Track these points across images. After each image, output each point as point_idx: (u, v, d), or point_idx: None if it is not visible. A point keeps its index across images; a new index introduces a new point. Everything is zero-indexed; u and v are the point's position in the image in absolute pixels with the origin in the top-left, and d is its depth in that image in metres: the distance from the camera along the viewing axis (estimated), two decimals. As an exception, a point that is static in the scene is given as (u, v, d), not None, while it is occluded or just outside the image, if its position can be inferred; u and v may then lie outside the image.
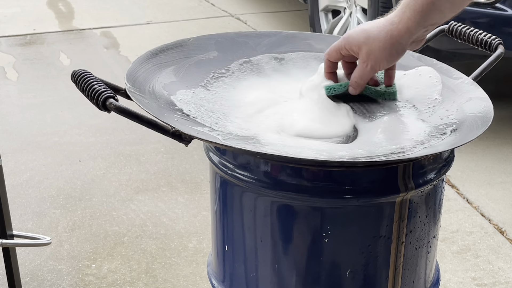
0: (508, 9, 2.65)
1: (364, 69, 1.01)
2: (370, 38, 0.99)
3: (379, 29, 0.98)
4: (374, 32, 0.99)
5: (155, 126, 0.88)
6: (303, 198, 0.94)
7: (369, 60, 1.00)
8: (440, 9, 0.96)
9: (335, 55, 1.05)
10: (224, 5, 4.95)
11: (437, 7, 0.96)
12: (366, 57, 1.00)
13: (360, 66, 1.02)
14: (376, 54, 0.99)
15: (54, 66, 3.74)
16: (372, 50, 0.99)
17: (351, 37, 1.01)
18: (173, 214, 2.30)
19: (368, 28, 1.00)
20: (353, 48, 1.01)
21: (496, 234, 2.22)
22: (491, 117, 0.98)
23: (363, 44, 0.99)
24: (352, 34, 1.01)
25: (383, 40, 0.98)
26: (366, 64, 1.00)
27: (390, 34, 0.97)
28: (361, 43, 1.00)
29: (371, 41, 0.99)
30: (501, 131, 2.89)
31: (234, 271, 1.07)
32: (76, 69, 0.96)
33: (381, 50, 0.98)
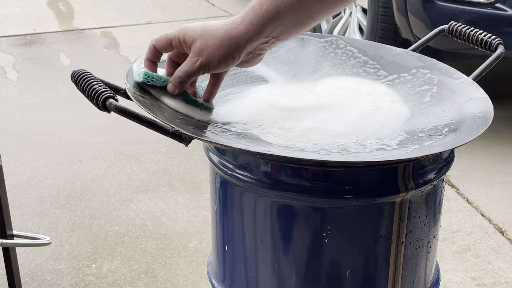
0: (508, 9, 2.65)
1: (193, 65, 0.93)
2: (208, 33, 0.92)
3: (219, 26, 0.92)
4: (213, 28, 0.92)
5: (155, 126, 0.88)
6: (303, 198, 0.94)
7: (200, 56, 0.92)
8: (284, 21, 0.90)
9: (164, 44, 0.97)
10: (224, 5, 4.95)
11: (281, 17, 0.89)
12: (198, 51, 0.92)
13: (188, 60, 0.94)
14: (209, 51, 0.91)
15: (54, 66, 3.74)
16: (206, 45, 0.91)
17: (188, 29, 0.94)
18: (173, 214, 2.30)
19: (209, 24, 0.93)
20: (187, 39, 0.93)
21: (496, 234, 2.22)
22: (491, 117, 0.98)
23: (198, 38, 0.92)
24: (191, 26, 0.94)
25: (220, 37, 0.91)
26: (196, 59, 0.92)
27: (229, 33, 0.91)
28: (197, 36, 0.92)
29: (207, 36, 0.91)
30: (501, 131, 2.89)
31: (234, 271, 1.07)
32: (76, 69, 0.96)
33: (216, 48, 0.91)
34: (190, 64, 0.94)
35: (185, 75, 0.95)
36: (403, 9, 2.85)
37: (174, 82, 0.96)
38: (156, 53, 0.99)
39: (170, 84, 0.97)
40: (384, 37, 3.04)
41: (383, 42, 1.25)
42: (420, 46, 1.26)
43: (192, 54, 0.93)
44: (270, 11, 0.89)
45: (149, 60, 0.99)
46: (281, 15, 0.89)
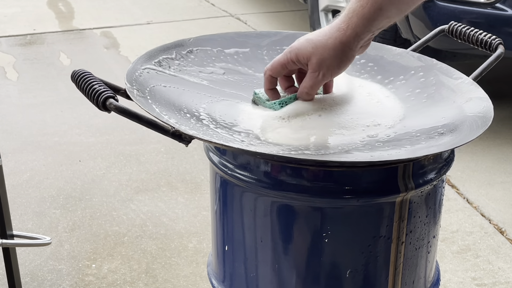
0: (508, 9, 2.65)
1: (316, 79, 0.99)
2: (319, 47, 0.97)
3: (326, 37, 0.97)
4: (321, 41, 0.97)
5: (155, 126, 0.88)
6: (303, 198, 0.94)
7: (321, 69, 0.98)
8: (387, 15, 0.96)
9: (280, 70, 1.02)
10: (224, 5, 4.95)
11: (384, 13, 0.95)
12: (317, 66, 0.98)
13: (311, 76, 0.99)
14: (327, 62, 0.97)
15: (54, 66, 3.74)
16: (323, 59, 0.97)
17: (297, 49, 0.99)
18: (173, 214, 2.30)
19: (313, 37, 0.98)
20: (301, 59, 0.99)
21: (496, 234, 2.22)
22: (491, 117, 0.98)
23: (312, 54, 0.97)
24: (298, 46, 0.99)
25: (333, 47, 0.96)
26: (317, 73, 0.98)
27: (339, 40, 0.96)
28: (310, 53, 0.97)
29: (320, 50, 0.97)
30: (501, 131, 2.89)
31: (234, 271, 1.07)
32: (76, 69, 0.96)
33: (332, 58, 0.97)
34: (314, 79, 0.99)
35: (311, 89, 1.01)
36: (403, 9, 2.84)
37: (303, 97, 1.02)
38: (274, 80, 1.04)
39: (300, 99, 1.03)
40: (384, 37, 3.04)
41: (383, 42, 1.25)
42: (420, 46, 1.26)
43: (312, 70, 0.99)
44: (373, 11, 0.95)
45: (270, 89, 1.04)
46: (383, 11, 0.95)
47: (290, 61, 1.00)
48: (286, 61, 1.00)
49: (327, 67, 0.98)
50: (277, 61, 1.01)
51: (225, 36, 1.23)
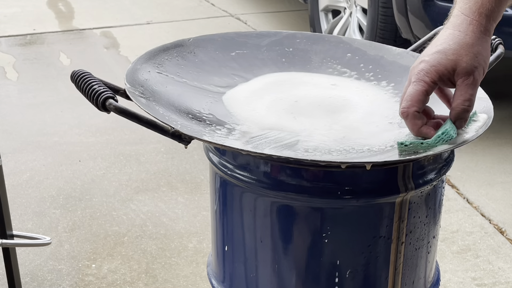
0: (508, 9, 2.65)
1: (472, 84, 0.85)
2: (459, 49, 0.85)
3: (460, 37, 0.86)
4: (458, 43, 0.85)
5: (154, 127, 0.88)
6: (303, 198, 0.94)
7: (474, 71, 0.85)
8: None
9: (424, 100, 0.86)
10: (224, 5, 4.95)
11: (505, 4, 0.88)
12: (470, 70, 0.84)
13: (465, 84, 0.85)
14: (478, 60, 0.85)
15: (54, 66, 3.74)
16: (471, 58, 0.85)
17: (434, 66, 0.86)
18: (173, 214, 2.30)
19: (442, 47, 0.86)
20: (445, 73, 0.85)
21: (496, 234, 2.22)
22: (491, 117, 0.98)
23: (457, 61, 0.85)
24: (431, 62, 0.86)
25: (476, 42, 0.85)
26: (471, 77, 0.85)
27: (479, 31, 0.86)
28: (453, 61, 0.85)
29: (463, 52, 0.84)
30: (501, 131, 2.89)
31: (234, 272, 1.07)
32: (76, 69, 0.96)
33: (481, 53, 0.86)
34: (470, 85, 0.86)
35: (474, 99, 0.88)
36: (403, 9, 2.84)
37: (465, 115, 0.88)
38: (420, 115, 0.89)
39: (458, 122, 0.88)
40: (384, 37, 3.04)
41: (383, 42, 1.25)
42: (420, 46, 1.26)
43: (464, 77, 0.86)
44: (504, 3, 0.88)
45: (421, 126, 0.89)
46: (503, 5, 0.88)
47: (432, 84, 0.86)
48: (428, 87, 0.86)
49: (478, 65, 0.86)
50: (416, 92, 0.86)
51: (225, 36, 1.23)
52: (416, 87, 0.86)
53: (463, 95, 0.86)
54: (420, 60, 0.88)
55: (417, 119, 0.87)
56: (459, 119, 0.89)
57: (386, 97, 1.12)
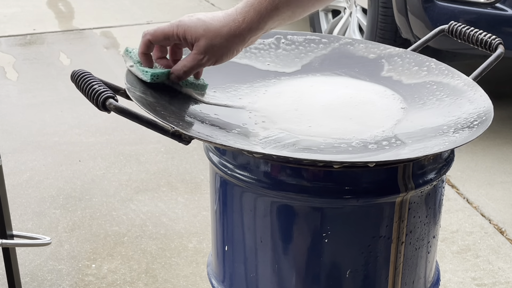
0: (508, 9, 2.65)
1: (200, 61, 0.98)
2: (211, 31, 0.96)
3: (221, 24, 0.96)
4: (215, 26, 0.96)
5: (154, 126, 0.88)
6: (303, 198, 0.94)
7: (207, 54, 0.97)
8: (282, 16, 0.97)
9: (161, 39, 0.99)
10: (224, 5, 4.95)
11: (280, 13, 0.96)
12: (204, 50, 0.97)
13: (194, 57, 0.98)
14: (216, 49, 0.97)
15: (54, 66, 3.74)
16: (212, 44, 0.96)
17: (187, 26, 0.97)
18: (173, 214, 2.30)
19: (207, 20, 0.97)
20: (188, 37, 0.97)
21: (496, 234, 2.22)
22: (491, 117, 0.98)
23: (202, 37, 0.96)
24: (188, 23, 0.97)
25: (225, 36, 0.96)
26: (203, 56, 0.97)
27: (233, 32, 0.96)
28: (199, 35, 0.96)
29: (211, 35, 0.96)
30: (501, 131, 2.89)
31: (234, 271, 1.07)
32: (76, 69, 0.96)
33: (223, 47, 0.97)
34: (197, 61, 0.98)
35: (191, 69, 1.00)
36: (403, 9, 2.84)
37: (178, 74, 1.00)
38: (151, 46, 1.01)
39: (173, 75, 1.01)
40: (384, 37, 3.04)
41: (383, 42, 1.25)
42: (420, 46, 1.26)
43: (197, 51, 0.98)
44: (269, 9, 0.96)
45: (144, 53, 1.02)
46: (279, 11, 0.96)
47: (175, 35, 0.98)
48: (171, 34, 0.98)
49: (214, 53, 0.97)
50: (161, 29, 0.99)
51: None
52: (164, 26, 0.99)
53: (188, 62, 0.99)
54: (190, 15, 0.99)
55: (145, 46, 1.00)
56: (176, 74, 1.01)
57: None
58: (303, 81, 1.17)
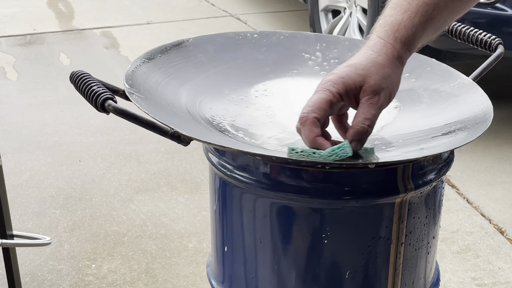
0: (508, 9, 2.65)
1: (376, 104, 0.83)
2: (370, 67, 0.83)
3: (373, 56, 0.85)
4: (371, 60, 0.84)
5: (153, 127, 0.87)
6: (303, 199, 0.94)
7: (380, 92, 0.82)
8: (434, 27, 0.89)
9: (326, 109, 0.83)
10: (224, 5, 4.95)
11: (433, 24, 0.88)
12: (376, 89, 0.82)
13: (369, 103, 0.82)
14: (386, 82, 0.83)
15: (54, 66, 3.74)
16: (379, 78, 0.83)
17: (342, 78, 0.83)
18: (173, 214, 2.30)
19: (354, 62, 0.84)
20: (351, 88, 0.83)
21: (496, 234, 2.22)
22: (491, 117, 0.98)
23: (365, 78, 0.83)
24: (341, 74, 0.84)
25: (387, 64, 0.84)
26: (377, 98, 0.82)
27: (391, 55, 0.85)
28: (361, 77, 0.83)
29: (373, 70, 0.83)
30: (501, 131, 2.89)
31: (234, 272, 1.07)
32: (75, 70, 0.96)
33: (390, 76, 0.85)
34: (374, 105, 0.82)
35: (375, 118, 0.84)
36: (403, 9, 2.84)
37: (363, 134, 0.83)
38: (319, 125, 0.84)
39: (354, 143, 0.84)
40: (384, 37, 3.03)
41: (383, 42, 1.25)
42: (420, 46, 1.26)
43: (369, 96, 0.83)
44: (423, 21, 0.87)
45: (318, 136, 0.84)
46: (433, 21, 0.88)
47: (337, 95, 0.83)
48: (332, 97, 0.82)
49: (386, 88, 0.83)
50: (319, 99, 0.83)
51: (225, 36, 1.23)
52: (320, 95, 0.83)
53: (365, 113, 0.83)
54: (330, 73, 0.86)
55: (314, 127, 0.83)
56: (356, 140, 0.84)
57: None
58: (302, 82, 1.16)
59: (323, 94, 0.82)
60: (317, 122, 0.83)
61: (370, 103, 0.83)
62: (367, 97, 0.83)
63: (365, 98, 0.83)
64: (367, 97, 0.83)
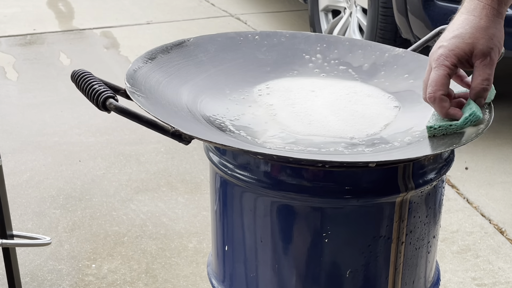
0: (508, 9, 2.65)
1: (490, 64, 0.90)
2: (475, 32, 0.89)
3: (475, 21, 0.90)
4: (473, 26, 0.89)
5: (155, 126, 0.88)
6: (303, 198, 0.94)
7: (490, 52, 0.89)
8: None
9: (448, 83, 0.91)
10: (224, 5, 4.95)
11: None
12: (486, 51, 0.89)
13: (483, 65, 0.90)
14: (493, 42, 0.89)
15: (54, 66, 3.74)
16: (487, 39, 0.89)
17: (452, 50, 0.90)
18: (173, 214, 2.30)
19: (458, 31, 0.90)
20: (464, 56, 0.90)
21: (496, 234, 2.22)
22: (491, 117, 0.98)
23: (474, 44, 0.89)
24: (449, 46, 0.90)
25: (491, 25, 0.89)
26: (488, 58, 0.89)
27: (492, 14, 0.90)
28: (470, 44, 0.89)
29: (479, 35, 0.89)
30: (501, 131, 2.89)
31: (234, 271, 1.07)
32: (76, 69, 0.96)
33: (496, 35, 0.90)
34: (488, 65, 0.91)
35: (491, 78, 0.92)
36: (403, 9, 2.84)
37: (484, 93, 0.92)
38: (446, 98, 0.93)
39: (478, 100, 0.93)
40: (384, 37, 3.04)
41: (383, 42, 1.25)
42: (420, 46, 1.26)
43: (481, 58, 0.91)
44: None
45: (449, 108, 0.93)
46: None
47: (452, 67, 0.90)
48: (449, 70, 0.90)
49: (494, 46, 0.90)
50: (439, 77, 0.91)
51: (225, 36, 1.23)
52: (438, 72, 0.91)
53: (481, 75, 0.91)
54: (438, 46, 0.92)
55: (444, 102, 0.92)
56: (479, 98, 0.93)
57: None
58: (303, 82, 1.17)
59: (440, 71, 0.91)
60: (444, 97, 0.91)
61: (483, 65, 0.90)
62: (479, 60, 0.90)
63: (478, 62, 0.91)
64: (479, 60, 0.90)
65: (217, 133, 0.96)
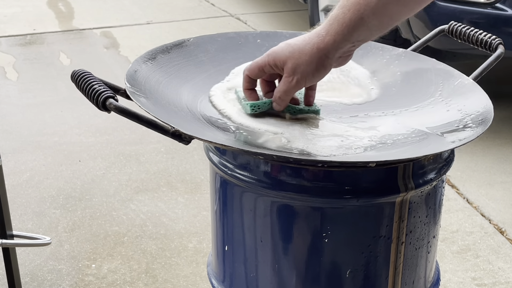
0: (508, 9, 2.65)
1: (289, 84, 0.97)
2: (296, 51, 0.95)
3: (304, 42, 0.95)
4: (299, 46, 0.95)
5: (155, 126, 0.88)
6: (303, 198, 0.94)
7: (295, 74, 0.96)
8: (368, 26, 0.92)
9: (257, 72, 1.00)
10: (224, 5, 4.95)
11: (365, 23, 0.92)
12: (292, 71, 0.96)
13: (285, 80, 0.97)
14: (302, 68, 0.95)
15: (54, 66, 3.74)
16: (298, 64, 0.95)
17: (275, 53, 0.97)
18: (173, 214, 2.30)
19: (292, 42, 0.96)
20: (278, 63, 0.97)
21: (496, 234, 2.22)
22: (491, 117, 0.98)
23: (288, 58, 0.95)
24: (276, 49, 0.98)
25: (309, 53, 0.94)
26: (291, 78, 0.96)
27: (316, 46, 0.94)
28: (286, 57, 0.96)
29: (296, 55, 0.95)
30: (501, 131, 2.89)
31: (234, 271, 1.07)
32: (76, 69, 0.96)
33: (308, 64, 0.95)
34: (287, 84, 0.97)
35: (284, 94, 0.99)
36: (403, 9, 2.84)
37: (277, 102, 1.00)
38: (252, 81, 1.02)
39: (274, 103, 1.01)
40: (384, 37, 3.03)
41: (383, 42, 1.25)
42: (420, 46, 1.26)
43: (286, 74, 0.97)
44: (354, 19, 0.92)
45: (247, 89, 1.03)
46: (364, 21, 0.92)
47: (267, 65, 0.98)
48: (264, 64, 0.99)
49: (301, 72, 0.95)
50: (255, 62, 1.00)
51: (225, 36, 1.23)
52: (258, 59, 1.00)
53: (280, 87, 0.99)
54: (284, 42, 0.98)
55: (246, 82, 1.02)
56: (275, 102, 1.01)
57: None
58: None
59: (259, 60, 1.00)
60: (248, 78, 1.01)
61: (284, 81, 0.98)
62: (285, 75, 0.97)
63: (284, 76, 0.98)
64: (285, 75, 0.97)
65: (217, 133, 0.96)
